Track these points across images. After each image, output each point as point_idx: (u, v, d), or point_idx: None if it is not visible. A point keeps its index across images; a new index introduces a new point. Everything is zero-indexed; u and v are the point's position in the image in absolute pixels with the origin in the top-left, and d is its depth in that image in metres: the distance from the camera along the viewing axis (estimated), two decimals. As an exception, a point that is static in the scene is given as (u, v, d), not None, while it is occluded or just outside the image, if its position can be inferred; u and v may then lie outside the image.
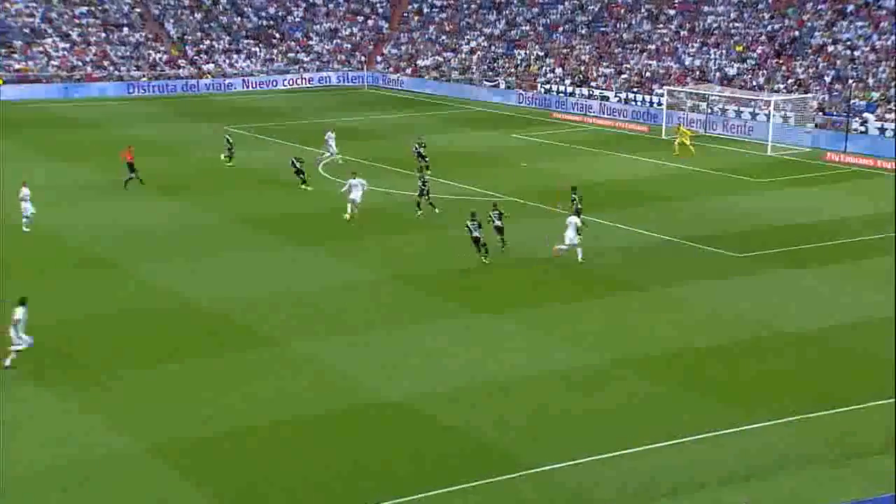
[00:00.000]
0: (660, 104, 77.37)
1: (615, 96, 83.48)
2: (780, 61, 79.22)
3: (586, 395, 29.15)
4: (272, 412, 27.86)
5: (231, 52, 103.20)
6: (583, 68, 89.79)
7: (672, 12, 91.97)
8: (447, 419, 27.51)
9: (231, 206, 50.97)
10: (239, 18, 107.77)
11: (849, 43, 77.38)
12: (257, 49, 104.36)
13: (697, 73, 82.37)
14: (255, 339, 33.08)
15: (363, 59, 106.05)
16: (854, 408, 28.24)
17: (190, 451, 25.76)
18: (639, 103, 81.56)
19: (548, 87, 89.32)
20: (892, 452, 25.18)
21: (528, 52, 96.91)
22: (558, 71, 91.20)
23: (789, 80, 76.54)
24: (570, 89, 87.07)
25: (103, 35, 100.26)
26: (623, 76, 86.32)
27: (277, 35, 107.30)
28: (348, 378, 30.12)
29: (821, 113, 71.48)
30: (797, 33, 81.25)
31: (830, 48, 77.92)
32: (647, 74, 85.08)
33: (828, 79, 74.85)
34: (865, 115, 69.07)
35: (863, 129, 68.24)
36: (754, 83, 77.87)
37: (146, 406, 28.36)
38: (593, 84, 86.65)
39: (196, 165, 62.10)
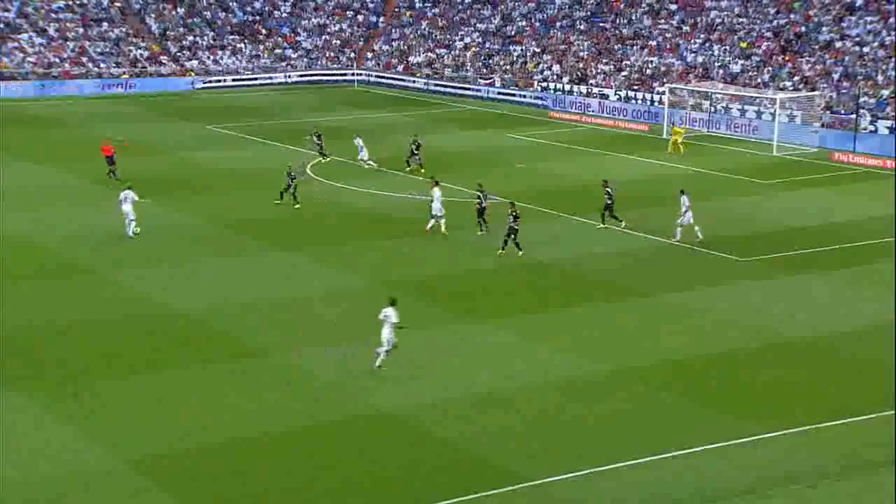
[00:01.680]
0: (661, 102, 76.14)
1: (615, 94, 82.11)
2: (786, 58, 78.13)
3: (584, 406, 28.54)
4: (256, 425, 27.16)
5: (215, 48, 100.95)
6: (581, 65, 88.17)
7: (674, 7, 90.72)
8: (439, 431, 26.91)
9: (212, 209, 50.10)
10: (223, 13, 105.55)
11: (857, 39, 76.41)
12: (243, 45, 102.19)
13: (700, 70, 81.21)
14: (238, 349, 32.30)
15: (353, 55, 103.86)
16: (865, 418, 27.66)
17: (169, 465, 24.99)
18: (639, 102, 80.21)
19: (545, 84, 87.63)
20: (892, 466, 24.83)
21: (524, 48, 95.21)
22: (556, 68, 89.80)
23: (795, 78, 75.53)
24: (568, 87, 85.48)
25: (81, 30, 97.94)
26: (623, 73, 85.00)
27: (264, 31, 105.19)
28: (336, 389, 29.43)
29: (828, 112, 70.70)
30: (804, 29, 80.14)
31: (838, 44, 76.89)
32: (648, 72, 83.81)
33: (836, 76, 73.93)
34: (872, 112, 67.97)
35: (872, 128, 67.39)
36: (759, 80, 76.81)
37: (123, 418, 27.51)
38: (592, 82, 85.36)
39: (177, 166, 60.63)
